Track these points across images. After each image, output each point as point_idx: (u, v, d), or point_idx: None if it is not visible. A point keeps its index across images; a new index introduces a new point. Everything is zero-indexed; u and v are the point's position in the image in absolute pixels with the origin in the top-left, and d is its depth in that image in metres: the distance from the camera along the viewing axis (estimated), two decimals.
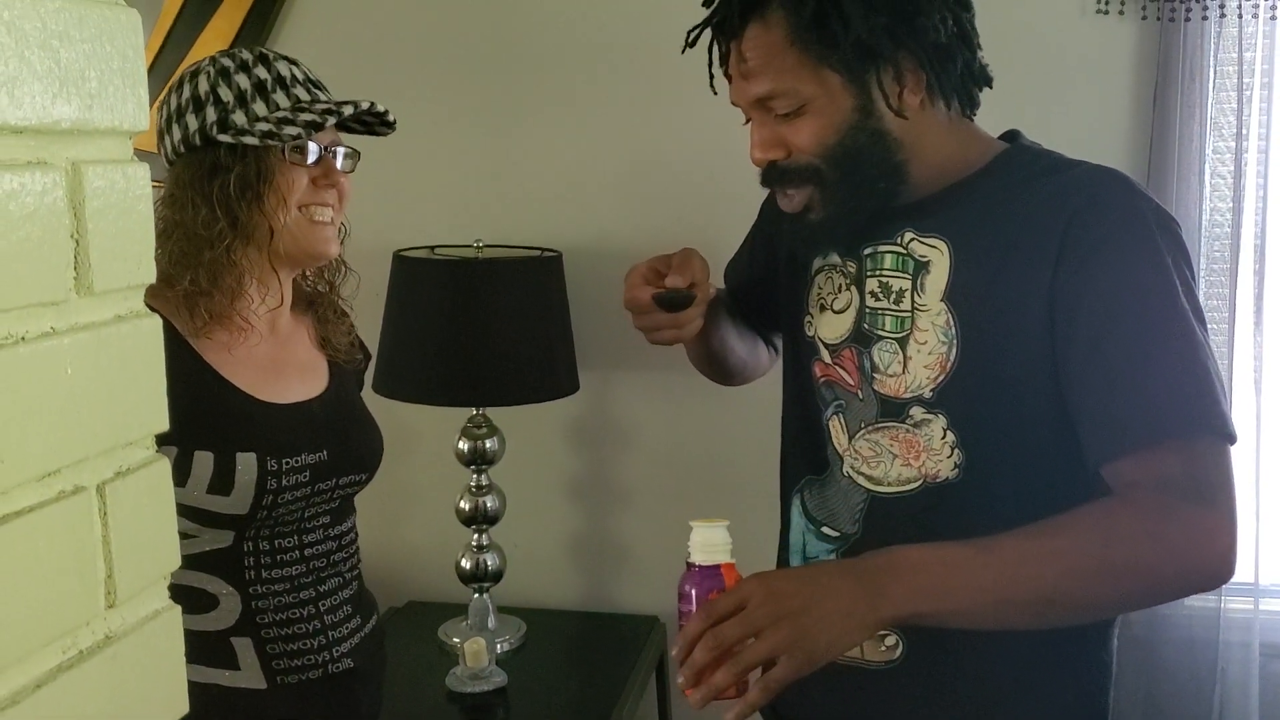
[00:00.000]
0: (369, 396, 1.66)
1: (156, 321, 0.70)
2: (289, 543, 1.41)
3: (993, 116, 1.34)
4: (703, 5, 1.28)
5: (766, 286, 1.52)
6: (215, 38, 2.41)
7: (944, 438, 1.23)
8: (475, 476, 2.26)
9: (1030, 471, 1.22)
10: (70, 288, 0.63)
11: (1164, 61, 2.11)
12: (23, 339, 0.60)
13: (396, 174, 2.40)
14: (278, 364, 1.44)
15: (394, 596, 2.51)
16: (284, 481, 1.36)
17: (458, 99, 2.40)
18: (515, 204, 2.40)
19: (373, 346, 2.13)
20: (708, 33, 1.29)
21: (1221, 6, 2.06)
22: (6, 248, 0.58)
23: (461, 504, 2.26)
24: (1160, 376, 1.14)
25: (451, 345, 2.10)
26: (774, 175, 1.28)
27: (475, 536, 2.27)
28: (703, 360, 1.58)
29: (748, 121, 1.29)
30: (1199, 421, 1.13)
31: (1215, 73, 2.09)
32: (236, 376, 1.38)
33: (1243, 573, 2.16)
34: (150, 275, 0.69)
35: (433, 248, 2.26)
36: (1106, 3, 2.14)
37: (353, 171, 1.44)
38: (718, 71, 1.29)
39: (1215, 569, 1.12)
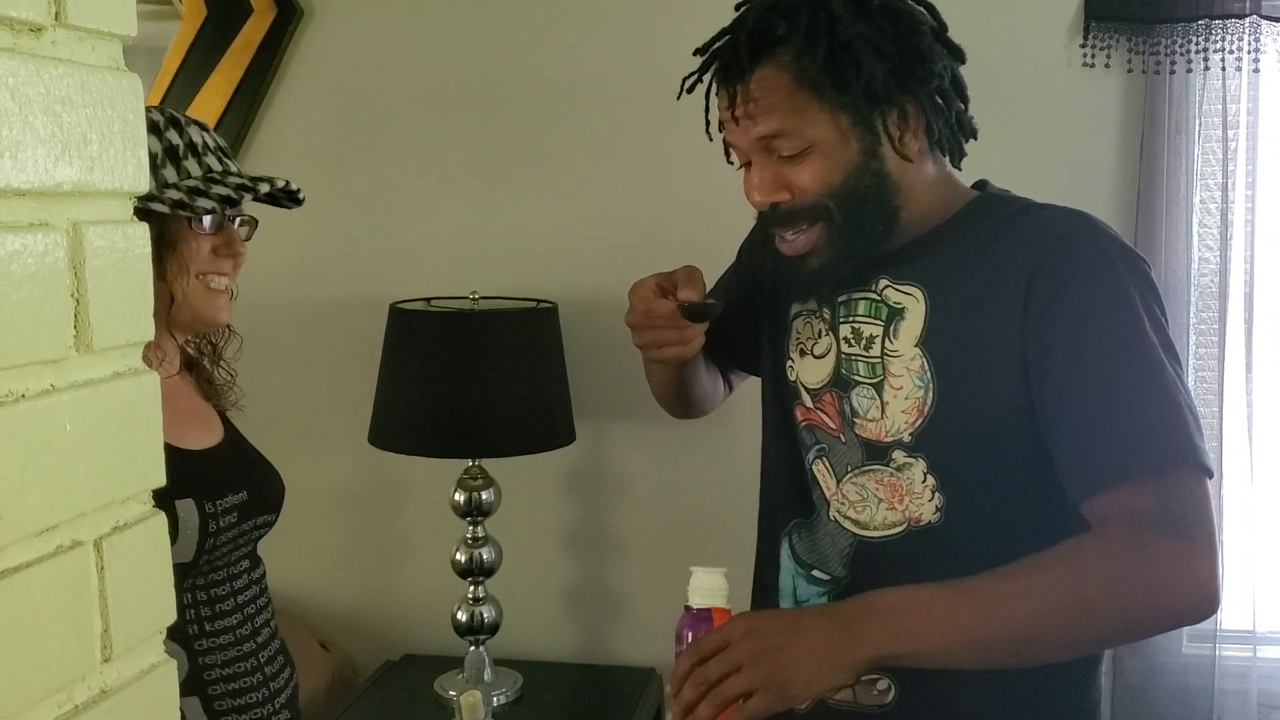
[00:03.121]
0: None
1: (154, 378, 0.71)
2: (223, 590, 1.40)
3: (981, 168, 1.36)
4: (694, 54, 1.28)
5: (737, 325, 1.50)
6: (214, 94, 2.43)
7: (925, 481, 1.24)
8: (471, 528, 2.25)
9: (1011, 513, 1.23)
10: (70, 345, 0.64)
11: (1150, 114, 2.14)
12: (23, 396, 0.60)
13: (392, 227, 2.41)
14: (179, 415, 1.43)
15: (390, 649, 2.50)
16: (221, 523, 1.36)
17: (453, 152, 2.42)
18: (510, 256, 2.41)
19: (369, 399, 2.14)
20: (702, 81, 1.29)
21: (1205, 59, 2.10)
22: (8, 307, 0.59)
23: (457, 556, 2.25)
24: (1131, 413, 1.15)
25: (447, 397, 2.11)
26: (777, 218, 1.26)
27: (471, 589, 2.27)
28: (670, 388, 1.58)
29: (739, 165, 1.29)
30: (1172, 455, 1.14)
31: (1201, 124, 2.12)
32: None
33: (1240, 619, 2.17)
34: (149, 333, 0.70)
35: (428, 299, 2.27)
36: (1093, 56, 2.17)
37: (249, 239, 1.43)
38: (714, 117, 1.29)
39: (1194, 601, 1.12)
